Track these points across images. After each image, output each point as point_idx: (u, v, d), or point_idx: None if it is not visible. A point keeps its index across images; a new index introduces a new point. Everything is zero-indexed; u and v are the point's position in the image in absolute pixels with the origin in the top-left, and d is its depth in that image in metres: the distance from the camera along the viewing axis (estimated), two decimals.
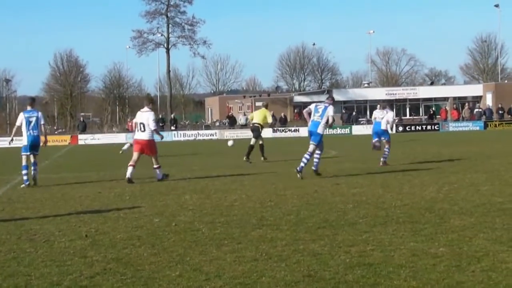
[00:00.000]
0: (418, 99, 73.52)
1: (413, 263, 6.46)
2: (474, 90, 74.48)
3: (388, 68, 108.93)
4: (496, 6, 79.10)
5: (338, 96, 73.50)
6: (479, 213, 9.34)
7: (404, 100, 73.32)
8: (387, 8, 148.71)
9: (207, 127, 65.70)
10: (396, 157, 22.20)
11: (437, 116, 63.68)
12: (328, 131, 55.60)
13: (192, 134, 58.21)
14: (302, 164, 15.56)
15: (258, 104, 74.01)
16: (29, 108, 16.27)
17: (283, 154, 25.92)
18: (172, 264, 6.74)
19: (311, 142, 15.77)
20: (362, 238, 7.75)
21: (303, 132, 57.90)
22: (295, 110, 72.43)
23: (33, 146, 15.83)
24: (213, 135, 58.09)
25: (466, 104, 67.52)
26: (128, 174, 15.77)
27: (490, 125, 57.41)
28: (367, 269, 6.26)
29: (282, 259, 6.79)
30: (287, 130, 58.65)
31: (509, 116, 61.34)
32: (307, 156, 15.62)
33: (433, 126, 58.67)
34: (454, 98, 71.83)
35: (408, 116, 72.03)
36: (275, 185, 13.96)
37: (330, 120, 15.66)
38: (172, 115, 66.25)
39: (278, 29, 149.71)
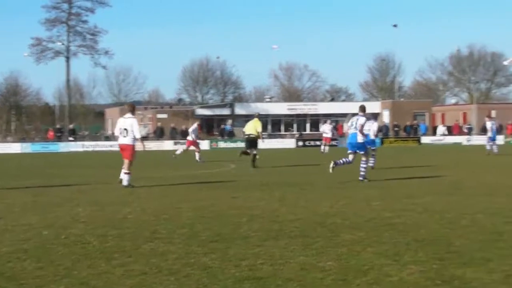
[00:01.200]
0: (318, 115, 74.81)
1: (302, 276, 6.55)
2: (372, 107, 76.48)
3: (291, 83, 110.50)
4: (395, 26, 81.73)
5: (240, 110, 74.10)
6: (369, 227, 9.57)
7: (305, 115, 74.50)
8: (291, 24, 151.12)
9: (107, 138, 64.72)
10: (295, 171, 22.52)
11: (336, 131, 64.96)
12: (228, 145, 55.72)
13: (91, 145, 57.20)
14: (341, 162, 17.68)
15: (160, 116, 73.60)
16: None
17: (184, 167, 25.83)
18: (58, 277, 6.58)
19: (349, 151, 17.89)
20: (253, 252, 7.80)
21: (205, 144, 57.93)
22: (197, 123, 72.38)
23: None
24: (112, 146, 57.23)
25: None
26: (125, 182, 16.55)
27: (386, 142, 59.05)
28: (256, 283, 6.31)
29: (172, 273, 6.75)
30: None
31: (405, 133, 63.35)
32: (343, 161, 17.76)
33: (332, 142, 59.74)
34: (353, 114, 73.44)
35: (308, 131, 73.20)
36: (171, 198, 13.89)
37: (359, 129, 17.69)
38: (71, 126, 64.94)
39: (182, 41, 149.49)
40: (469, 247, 8.00)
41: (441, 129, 65.05)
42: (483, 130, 63.89)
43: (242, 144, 56.74)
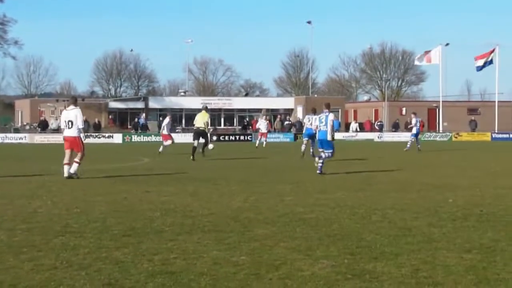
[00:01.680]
0: (232, 110, 74.98)
1: (215, 271, 6.56)
2: (286, 102, 77.26)
3: (205, 77, 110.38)
4: (309, 22, 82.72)
5: (154, 103, 73.49)
6: (282, 222, 9.66)
7: (219, 110, 74.52)
8: (206, 19, 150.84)
9: (16, 130, 63.05)
10: (208, 166, 22.53)
11: (250, 127, 65.32)
12: (143, 139, 55.16)
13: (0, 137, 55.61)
14: (319, 166, 18.08)
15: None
16: None
17: (96, 161, 25.41)
18: None
19: (320, 149, 18.45)
20: (166, 247, 7.76)
21: (117, 138, 57.22)
22: (110, 116, 71.41)
23: None
24: (22, 139, 55.86)
25: (278, 116, 69.77)
26: (65, 173, 16.69)
27: (299, 137, 59.69)
28: (168, 277, 6.28)
29: (83, 267, 6.64)
30: (100, 136, 57.60)
31: None
32: (321, 160, 18.20)
33: (246, 137, 60.10)
34: (267, 109, 74.03)
35: (222, 126, 73.29)
36: (84, 191, 13.66)
37: (330, 124, 18.15)
38: None
39: (95, 33, 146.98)
40: (380, 242, 8.18)
41: (353, 125, 66.26)
42: (394, 127, 65.71)
43: (156, 138, 56.36)
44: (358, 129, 65.11)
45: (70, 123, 17.01)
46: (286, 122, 64.84)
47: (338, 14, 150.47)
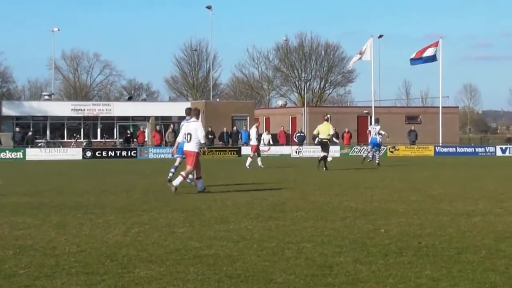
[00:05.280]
0: (112, 117, 74.26)
1: None
2: (181, 108, 76.83)
3: (77, 76, 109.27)
4: (208, 8, 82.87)
5: (9, 110, 72.06)
6: (172, 260, 9.64)
7: (95, 118, 73.74)
8: (77, 3, 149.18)
9: None
10: (78, 190, 22.25)
11: (135, 140, 64.93)
12: None
13: None
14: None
15: None
16: None
17: None
18: None
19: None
20: None
21: None
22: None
23: None
24: None
25: (171, 125, 69.60)
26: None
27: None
28: None
29: None
30: None
31: (221, 142, 64.43)
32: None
33: (130, 152, 59.67)
34: (157, 117, 73.73)
35: (99, 139, 72.51)
36: None
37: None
38: None
39: None
40: (293, 283, 8.27)
41: (265, 137, 66.64)
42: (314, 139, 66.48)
43: (9, 154, 55.23)
44: (271, 142, 65.56)
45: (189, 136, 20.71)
46: None
47: None
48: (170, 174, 24.35)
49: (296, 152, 63.31)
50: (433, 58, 67.44)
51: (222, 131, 64.88)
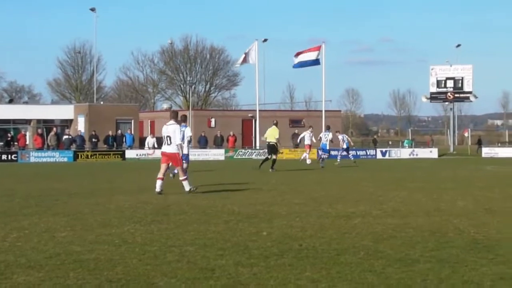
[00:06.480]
0: None
1: None
2: (64, 112, 75.86)
3: None
4: (92, 10, 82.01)
5: None
6: (51, 265, 9.53)
7: None
8: None
9: None
10: None
11: (16, 143, 63.59)
12: None
13: None
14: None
15: None
16: None
17: None
18: None
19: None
20: None
21: None
22: None
23: None
24: None
25: (54, 128, 68.48)
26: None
27: (81, 156, 58.98)
28: None
29: None
30: None
31: (106, 145, 63.75)
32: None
33: (10, 156, 58.37)
34: (39, 120, 72.45)
35: None
36: None
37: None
38: None
39: None
40: (175, 286, 8.29)
41: (150, 140, 66.32)
42: (201, 142, 66.61)
43: None
44: (155, 145, 65.26)
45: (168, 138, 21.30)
46: (65, 137, 63.77)
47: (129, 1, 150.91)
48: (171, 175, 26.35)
49: None
50: (316, 62, 68.37)
51: (107, 134, 64.18)
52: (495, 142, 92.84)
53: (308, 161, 46.00)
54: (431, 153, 69.31)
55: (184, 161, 23.85)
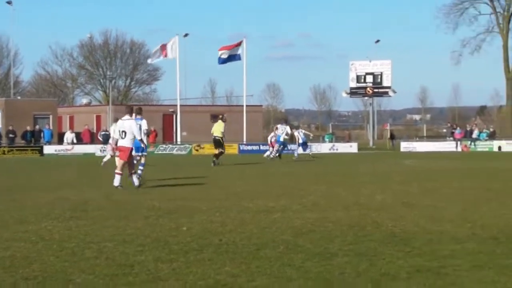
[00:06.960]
0: None
1: None
2: None
3: None
4: (9, 3, 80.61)
5: None
6: None
7: None
8: None
9: None
10: None
11: None
12: None
13: None
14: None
15: None
16: None
17: None
18: None
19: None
20: None
21: None
22: None
23: None
24: None
25: None
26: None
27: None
28: None
29: None
30: None
31: (24, 141, 62.84)
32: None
33: None
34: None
35: None
36: None
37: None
38: None
39: None
40: (92, 283, 8.25)
41: (69, 136, 65.58)
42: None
43: None
44: (74, 141, 64.56)
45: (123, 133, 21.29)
46: None
47: None
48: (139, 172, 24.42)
49: (100, 150, 62.57)
50: (237, 57, 68.58)
51: (25, 130, 63.21)
52: (413, 137, 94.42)
53: (268, 153, 48.41)
54: (351, 147, 69.99)
55: (141, 154, 24.41)
